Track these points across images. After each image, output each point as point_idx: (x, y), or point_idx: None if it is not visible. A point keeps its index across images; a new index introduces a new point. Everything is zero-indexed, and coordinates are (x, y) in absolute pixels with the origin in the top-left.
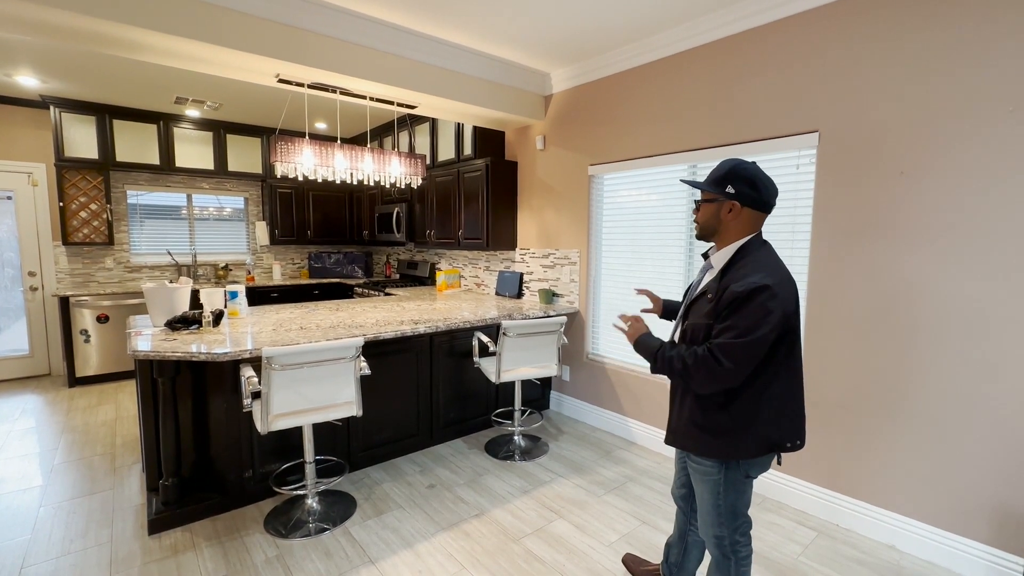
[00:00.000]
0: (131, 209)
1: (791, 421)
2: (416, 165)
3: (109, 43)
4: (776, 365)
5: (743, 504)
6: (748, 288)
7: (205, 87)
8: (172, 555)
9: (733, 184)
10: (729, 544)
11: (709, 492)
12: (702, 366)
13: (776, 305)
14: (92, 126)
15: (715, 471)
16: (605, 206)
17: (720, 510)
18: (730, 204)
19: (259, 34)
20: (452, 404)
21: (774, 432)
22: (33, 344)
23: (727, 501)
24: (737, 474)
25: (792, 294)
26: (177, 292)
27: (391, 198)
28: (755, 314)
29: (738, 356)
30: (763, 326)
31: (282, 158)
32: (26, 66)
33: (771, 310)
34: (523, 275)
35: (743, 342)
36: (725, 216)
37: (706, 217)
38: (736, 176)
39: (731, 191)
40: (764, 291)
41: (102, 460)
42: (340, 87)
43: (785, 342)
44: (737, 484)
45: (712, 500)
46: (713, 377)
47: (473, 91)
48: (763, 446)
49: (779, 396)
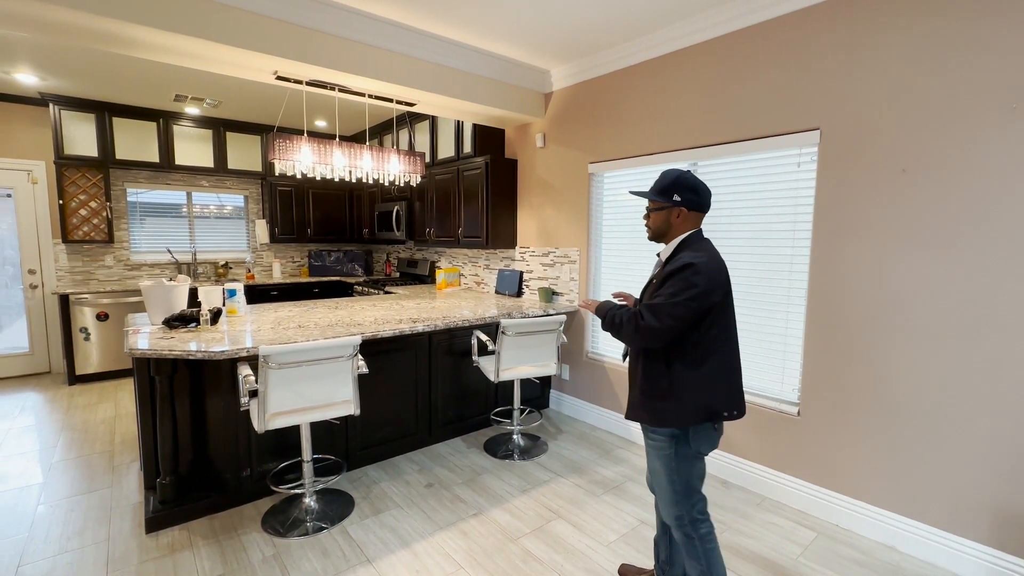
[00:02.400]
0: (131, 207)
1: (727, 392)
2: (415, 163)
3: (107, 40)
4: (709, 341)
5: (696, 478)
6: (677, 265)
7: (204, 85)
8: (169, 554)
9: (679, 192)
10: (689, 522)
11: (663, 467)
12: (630, 320)
13: (699, 280)
14: (92, 124)
15: (667, 446)
16: (605, 204)
17: (676, 486)
18: (678, 210)
19: (257, 31)
20: (451, 403)
21: (712, 401)
22: (33, 342)
23: (680, 476)
24: (687, 449)
25: (719, 275)
26: (175, 290)
27: (391, 196)
28: (679, 284)
29: (658, 313)
30: (683, 293)
31: (280, 156)
32: (25, 63)
33: (694, 283)
34: (523, 273)
35: (665, 303)
36: (674, 220)
37: (658, 223)
38: (681, 185)
39: (678, 199)
40: (689, 267)
41: (101, 458)
42: (338, 84)
43: (716, 320)
44: (688, 458)
45: (667, 476)
46: (637, 330)
47: (472, 88)
48: (702, 413)
49: (715, 369)
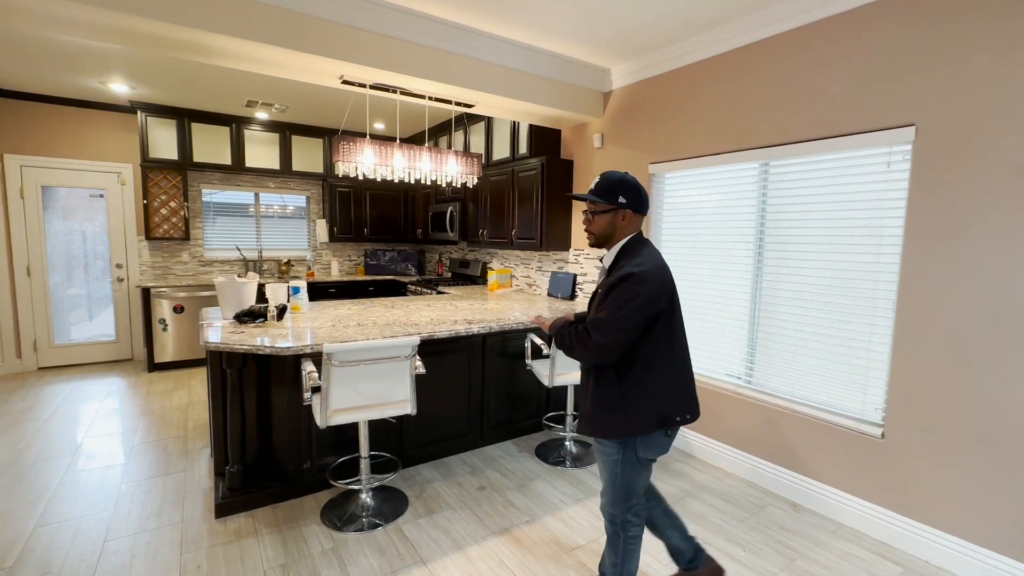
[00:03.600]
0: (205, 207)
1: (678, 397)
2: (472, 164)
3: (191, 49)
4: (658, 347)
5: (638, 484)
6: (618, 276)
7: (273, 90)
8: (236, 540)
9: (624, 194)
10: (621, 522)
11: (608, 471)
12: (579, 338)
13: (642, 289)
14: (173, 129)
15: (614, 451)
16: (665, 206)
17: (616, 489)
18: (624, 212)
19: (324, 36)
20: (502, 405)
21: (664, 407)
22: (118, 330)
23: (623, 480)
24: (633, 456)
25: (663, 281)
26: (245, 286)
27: (445, 197)
28: (622, 296)
29: (604, 329)
30: (627, 305)
31: (344, 157)
32: (118, 74)
33: (637, 293)
34: (576, 276)
35: (609, 317)
36: (619, 223)
37: (602, 226)
38: (624, 188)
39: (623, 200)
40: (630, 277)
41: (175, 443)
42: (400, 87)
43: (661, 325)
44: (633, 464)
45: (611, 479)
46: (586, 348)
47: (531, 89)
48: (654, 421)
49: (664, 374)
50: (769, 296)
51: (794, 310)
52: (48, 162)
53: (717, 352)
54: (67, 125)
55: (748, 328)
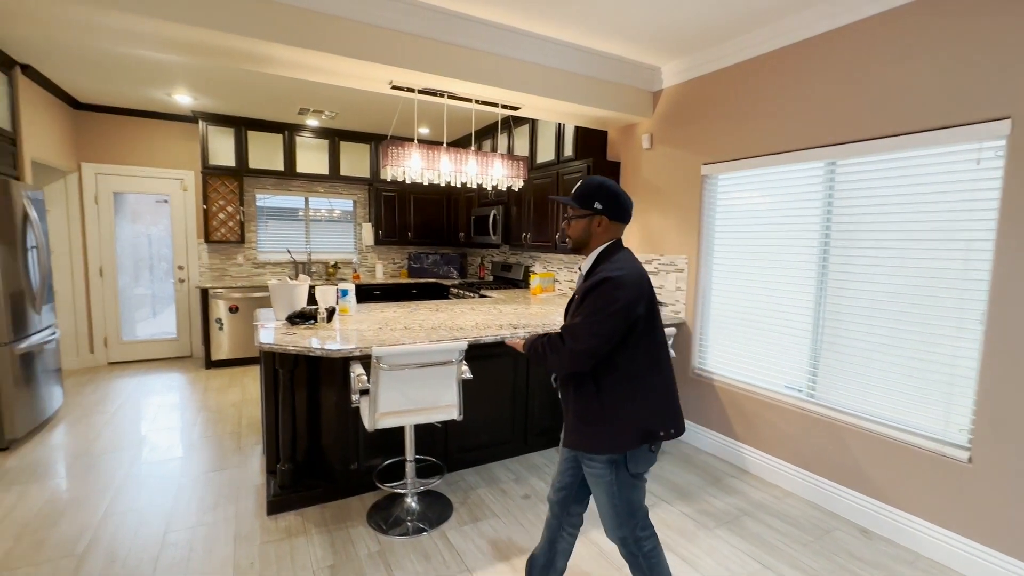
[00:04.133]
0: (259, 211)
1: (661, 410)
2: (518, 167)
3: (249, 59)
4: (638, 357)
5: (638, 498)
6: (594, 281)
7: (324, 98)
8: (287, 537)
9: (601, 200)
10: (633, 541)
11: (605, 493)
12: (551, 346)
13: (620, 294)
14: (231, 137)
15: (606, 472)
16: (719, 208)
17: (618, 510)
18: (599, 219)
19: (374, 42)
20: (546, 412)
21: (645, 420)
22: (179, 329)
23: (622, 499)
24: (626, 474)
25: (641, 288)
26: (297, 289)
27: (487, 201)
28: (598, 301)
29: (580, 335)
30: (603, 310)
31: (392, 162)
32: (183, 85)
33: (615, 298)
34: None
35: (585, 322)
36: (595, 229)
37: (578, 232)
38: (603, 193)
39: (599, 206)
40: (607, 282)
41: (230, 439)
42: (447, 91)
43: (642, 335)
44: (627, 482)
45: (609, 501)
46: (559, 355)
47: (577, 90)
48: (637, 435)
49: (645, 386)
50: (835, 304)
51: (864, 319)
52: (119, 170)
53: (774, 363)
54: (136, 135)
55: (810, 338)
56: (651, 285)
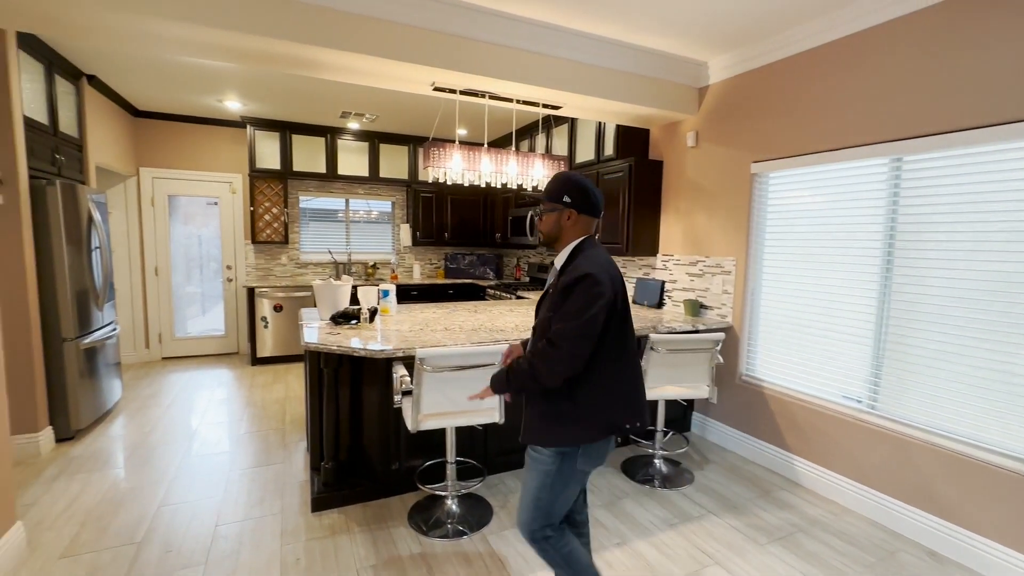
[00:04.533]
0: (302, 212)
1: (628, 403)
2: (558, 167)
3: (297, 64)
4: (610, 353)
5: (563, 502)
6: (573, 277)
7: (366, 101)
8: (330, 535)
9: (569, 194)
10: (542, 538)
11: (537, 481)
12: (542, 357)
13: (601, 290)
14: (277, 141)
15: (551, 461)
16: (770, 208)
17: (540, 503)
18: (568, 212)
19: (416, 44)
20: None
21: (613, 414)
22: (227, 326)
23: (551, 493)
24: (571, 467)
25: (615, 283)
26: (340, 289)
27: (525, 201)
28: (580, 299)
29: (571, 336)
30: (590, 308)
31: (434, 163)
32: (233, 92)
33: (598, 294)
34: (665, 283)
35: (574, 324)
36: (564, 223)
37: (548, 226)
38: (571, 187)
39: (568, 200)
40: (587, 278)
41: (275, 435)
42: (489, 91)
43: (613, 330)
44: (567, 477)
45: (537, 490)
46: (553, 363)
47: (620, 87)
48: (604, 428)
49: (615, 381)
50: (900, 310)
51: (933, 326)
52: (174, 174)
53: (829, 371)
54: (189, 140)
55: (872, 345)
56: (622, 280)
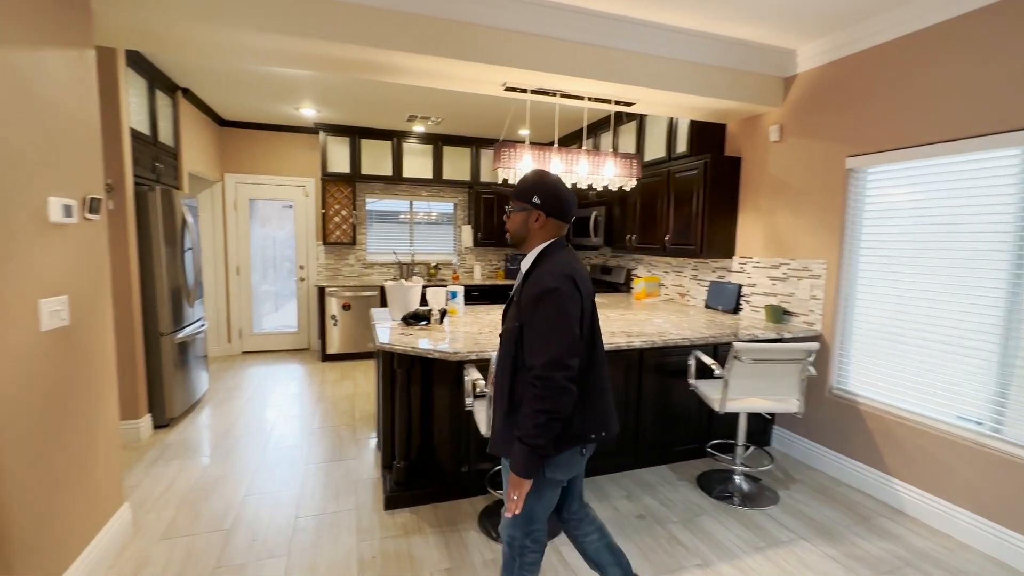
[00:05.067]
0: (368, 215)
1: (596, 414)
2: (631, 166)
3: (370, 68)
4: (581, 365)
5: (541, 508)
6: (539, 291)
7: (432, 103)
8: (404, 535)
9: (538, 195)
10: (519, 546)
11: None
12: (546, 394)
13: (569, 303)
14: (346, 146)
15: None
16: (867, 206)
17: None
18: (537, 214)
19: (488, 44)
20: (657, 426)
21: (581, 424)
22: (300, 323)
23: (527, 503)
24: (541, 477)
25: (583, 292)
26: (411, 290)
27: (588, 201)
28: (554, 316)
29: (558, 363)
30: (565, 322)
31: (505, 164)
32: (308, 99)
33: (566, 308)
34: (742, 287)
35: (557, 349)
36: (532, 224)
37: (516, 225)
38: (541, 188)
39: (537, 201)
40: (554, 293)
41: (346, 431)
42: (560, 90)
43: (585, 340)
44: (538, 486)
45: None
46: (559, 392)
47: (697, 80)
48: (570, 439)
49: (584, 392)
50: None
51: None
52: (253, 179)
53: (941, 388)
54: (267, 147)
55: (997, 362)
56: (590, 287)
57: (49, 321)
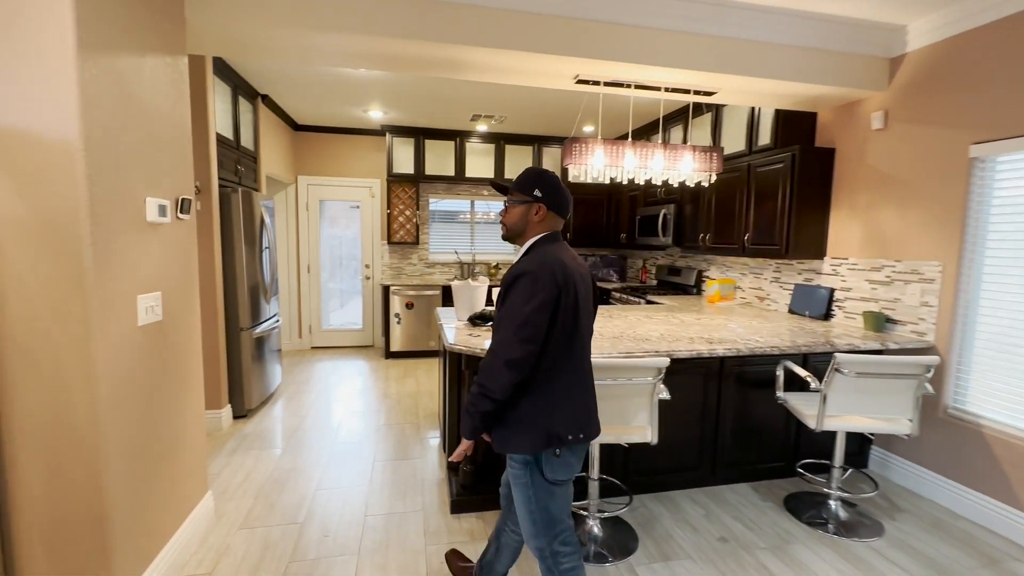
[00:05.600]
0: (431, 215)
1: (573, 414)
2: (711, 159)
3: (440, 65)
4: (555, 356)
5: (557, 508)
6: (512, 276)
7: (496, 102)
8: (470, 540)
9: (540, 188)
10: (550, 555)
11: (522, 496)
12: (484, 371)
13: (538, 288)
14: (411, 147)
15: (523, 473)
16: (996, 200)
17: (535, 516)
18: (538, 206)
19: (560, 34)
20: (738, 440)
21: (554, 423)
22: (364, 320)
23: (539, 505)
24: (539, 477)
25: (563, 282)
26: (477, 290)
27: (656, 199)
28: (516, 301)
29: (510, 344)
30: (522, 311)
31: (575, 160)
32: (376, 101)
33: (534, 292)
34: (834, 291)
35: (511, 330)
36: (532, 218)
37: (515, 219)
38: (543, 182)
39: (539, 194)
40: (525, 276)
41: (411, 429)
42: (635, 81)
43: (559, 332)
44: (544, 486)
45: (526, 505)
46: (493, 372)
47: (787, 65)
48: (544, 437)
49: (557, 389)
50: None
51: None
52: (323, 180)
53: None
54: (337, 149)
55: None
56: (583, 280)
57: (145, 316)
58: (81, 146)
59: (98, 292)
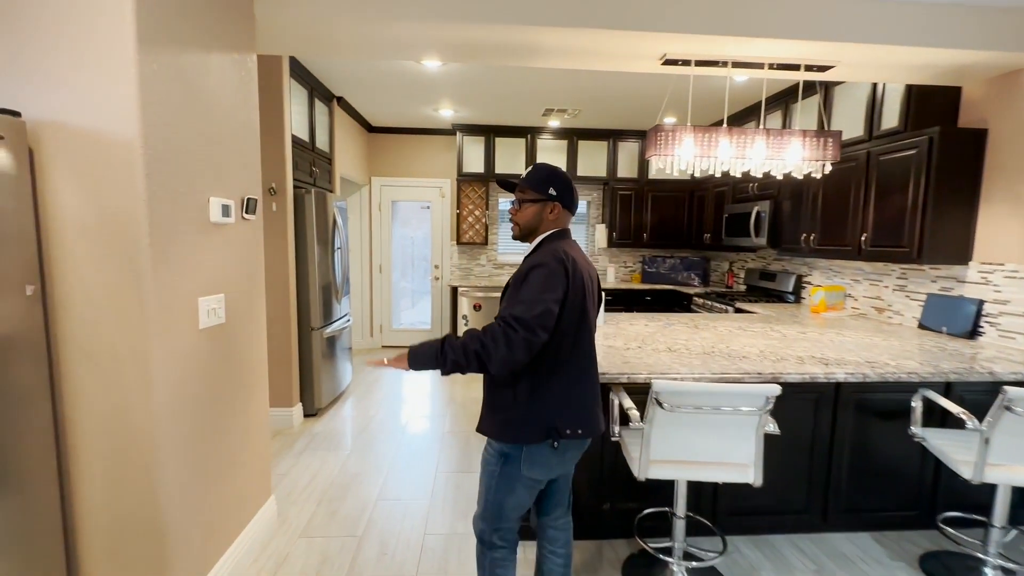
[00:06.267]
0: (500, 215)
1: (573, 410)
2: (827, 146)
3: (514, 52)
4: (560, 350)
5: (511, 506)
6: (527, 267)
7: (571, 93)
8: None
9: (555, 187)
10: (488, 542)
11: (485, 480)
12: (500, 339)
13: (555, 281)
14: (481, 145)
15: (494, 461)
16: None
17: (488, 503)
18: (553, 205)
19: (644, 7)
20: (856, 481)
21: (553, 416)
22: (433, 321)
23: (496, 495)
24: (514, 471)
25: (573, 277)
26: None
27: (747, 195)
28: (535, 287)
29: (527, 323)
30: (546, 294)
31: (661, 150)
32: (447, 99)
33: (551, 284)
34: (983, 303)
35: (531, 311)
36: (547, 216)
37: (528, 217)
38: (557, 180)
39: (554, 193)
40: (541, 267)
41: (475, 439)
42: (732, 58)
43: (569, 325)
44: (510, 480)
45: (485, 492)
46: (511, 347)
47: (928, 26)
48: (541, 430)
49: (563, 384)
50: None
51: None
52: (396, 181)
53: None
54: (408, 150)
55: None
56: (590, 277)
57: (207, 319)
58: (140, 144)
59: (157, 294)
